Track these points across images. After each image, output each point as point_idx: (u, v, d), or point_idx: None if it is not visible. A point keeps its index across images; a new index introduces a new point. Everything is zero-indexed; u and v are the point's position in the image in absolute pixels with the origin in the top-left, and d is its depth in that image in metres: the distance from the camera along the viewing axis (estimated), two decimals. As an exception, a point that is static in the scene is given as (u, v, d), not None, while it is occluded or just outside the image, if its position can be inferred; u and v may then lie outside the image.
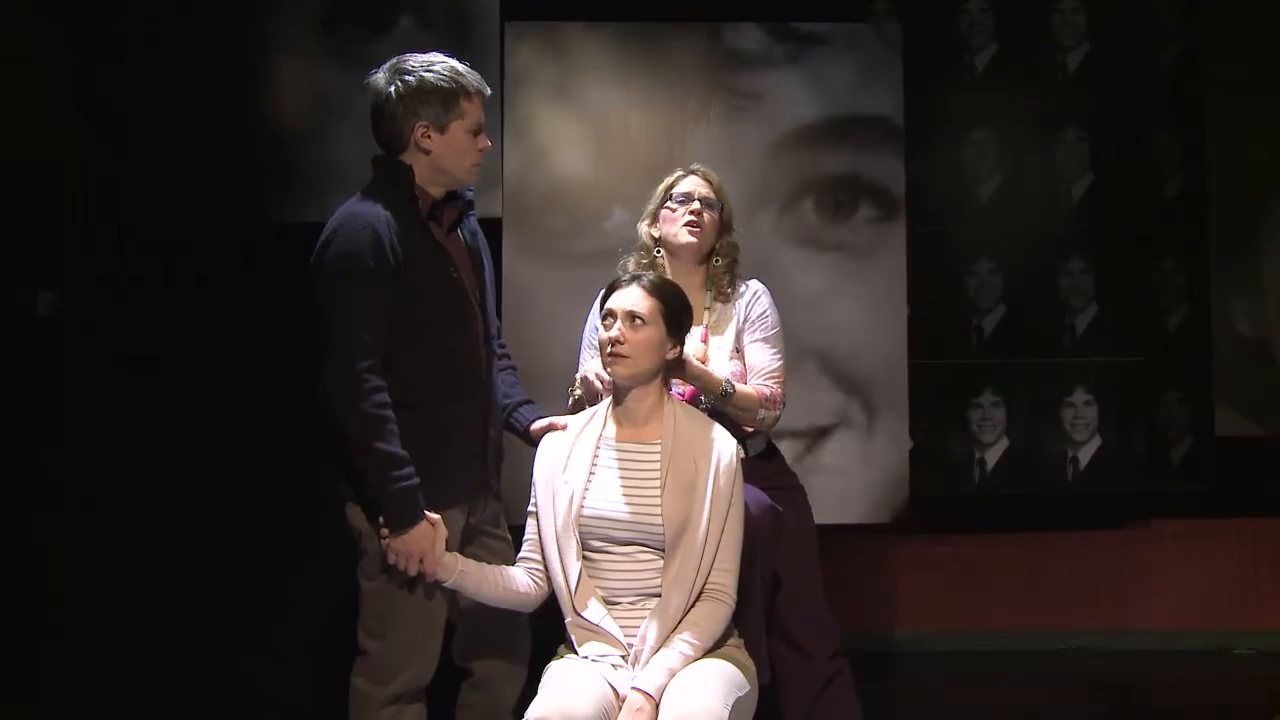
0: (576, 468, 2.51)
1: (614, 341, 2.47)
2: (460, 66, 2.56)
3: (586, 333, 3.18)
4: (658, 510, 2.44)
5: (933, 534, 4.38)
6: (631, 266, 3.15)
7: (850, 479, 3.71)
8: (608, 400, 2.60)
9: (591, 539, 2.47)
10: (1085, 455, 4.35)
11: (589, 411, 2.63)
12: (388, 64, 2.55)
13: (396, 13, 3.75)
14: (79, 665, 3.64)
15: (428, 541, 2.44)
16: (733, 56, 3.78)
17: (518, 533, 2.69)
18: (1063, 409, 4.36)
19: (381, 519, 2.45)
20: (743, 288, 3.12)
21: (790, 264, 3.71)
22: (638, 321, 2.48)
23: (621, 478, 2.49)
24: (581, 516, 2.47)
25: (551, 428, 2.67)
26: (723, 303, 3.09)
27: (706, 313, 3.09)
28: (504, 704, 2.70)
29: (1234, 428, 4.38)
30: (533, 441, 2.70)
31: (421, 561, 2.44)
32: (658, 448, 2.50)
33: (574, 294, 3.37)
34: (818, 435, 3.70)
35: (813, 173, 3.76)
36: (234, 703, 3.63)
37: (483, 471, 2.63)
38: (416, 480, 2.43)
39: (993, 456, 4.37)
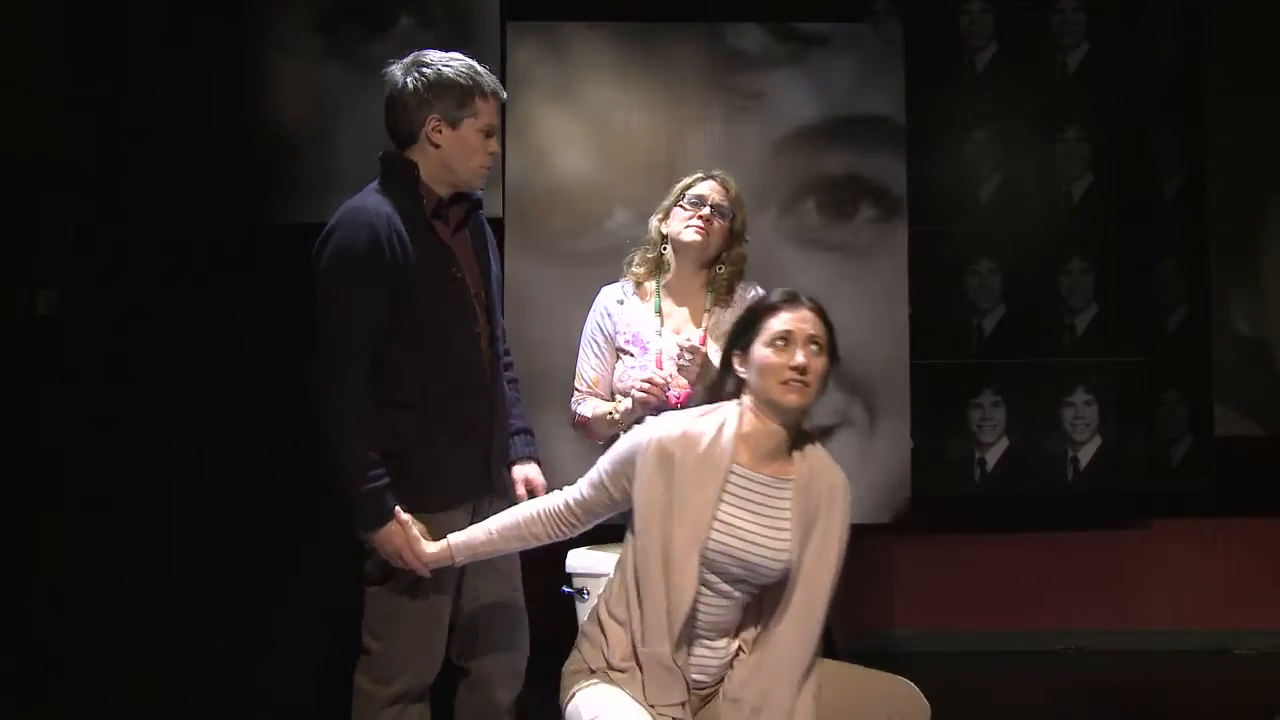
0: (702, 490, 2.25)
1: (801, 369, 2.25)
2: (479, 67, 2.56)
3: (586, 333, 3.19)
4: (785, 551, 2.26)
5: (933, 534, 4.38)
6: (638, 261, 3.16)
7: (851, 479, 3.70)
8: (731, 418, 2.33)
9: (705, 572, 2.25)
10: (1085, 455, 4.35)
11: (709, 423, 2.32)
12: (406, 58, 2.56)
13: (396, 13, 3.75)
14: (79, 665, 3.64)
15: (400, 540, 2.43)
16: (734, 57, 3.78)
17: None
18: (1063, 409, 4.36)
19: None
20: (742, 292, 3.13)
21: (791, 264, 3.71)
22: (815, 348, 2.28)
23: (752, 513, 2.27)
24: (707, 548, 2.24)
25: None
26: (723, 308, 3.10)
27: (706, 315, 3.09)
28: (500, 704, 2.70)
29: (1234, 428, 4.37)
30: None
31: (403, 558, 2.44)
32: (790, 485, 2.31)
33: (575, 294, 3.37)
34: (818, 435, 3.69)
35: (813, 173, 3.76)
36: (234, 703, 3.63)
37: (485, 472, 2.63)
38: (386, 481, 2.42)
39: (993, 456, 4.37)
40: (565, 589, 3.14)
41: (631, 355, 3.03)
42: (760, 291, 3.15)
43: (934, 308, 4.24)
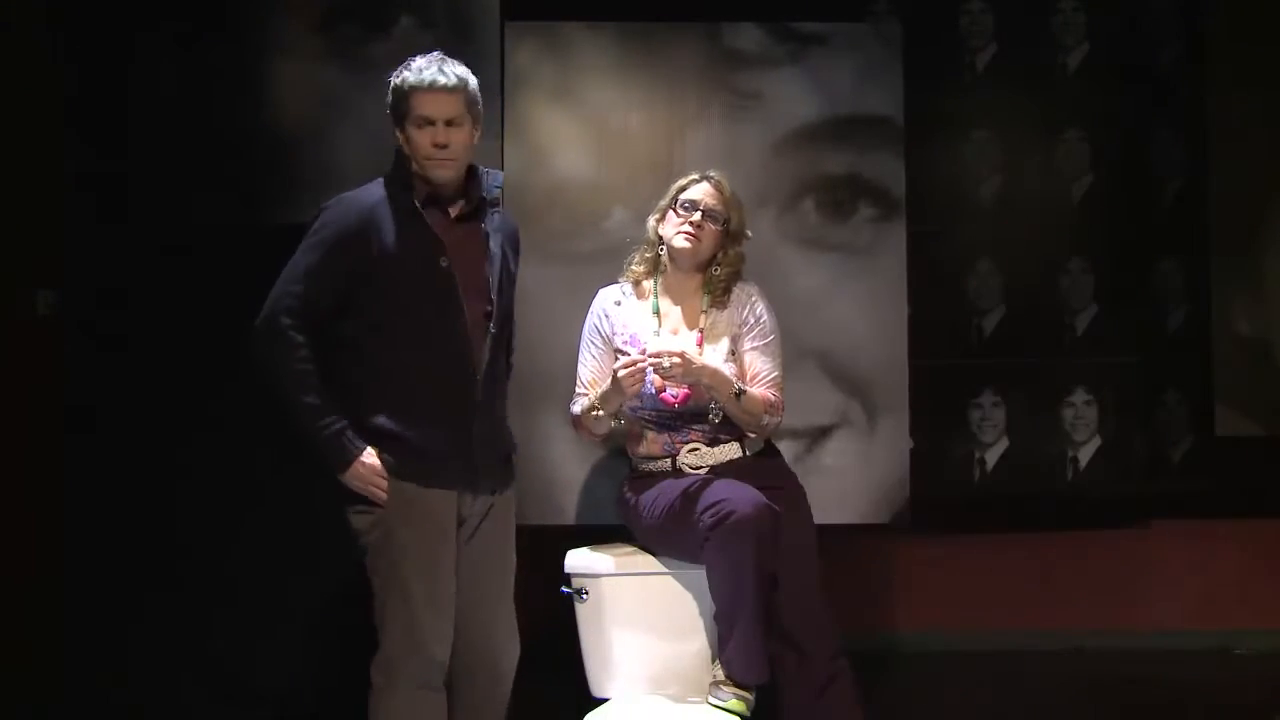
0: None
1: None
2: (417, 62, 2.67)
3: (585, 334, 3.20)
4: None
5: (932, 534, 4.37)
6: (636, 260, 3.18)
7: (850, 479, 3.70)
8: None
9: None
10: (1085, 455, 4.35)
11: None
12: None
13: (396, 13, 3.74)
14: (79, 665, 3.64)
15: (371, 470, 2.58)
16: (733, 56, 3.77)
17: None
18: (1063, 409, 4.36)
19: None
20: (739, 292, 3.13)
21: (790, 264, 3.71)
22: None
23: None
24: None
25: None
26: (719, 309, 3.11)
27: (703, 316, 3.10)
28: (487, 704, 2.73)
29: (1234, 428, 4.38)
30: None
31: (374, 493, 2.60)
32: None
33: (574, 294, 3.37)
34: (818, 435, 3.70)
35: (812, 173, 3.75)
36: (235, 703, 3.63)
37: (468, 462, 2.65)
38: (344, 422, 2.58)
39: (993, 456, 4.37)
40: (564, 589, 3.14)
41: (629, 356, 3.03)
42: (756, 291, 3.16)
43: (934, 308, 4.24)
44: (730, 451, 3.06)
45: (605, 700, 3.09)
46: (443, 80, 2.65)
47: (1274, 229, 4.41)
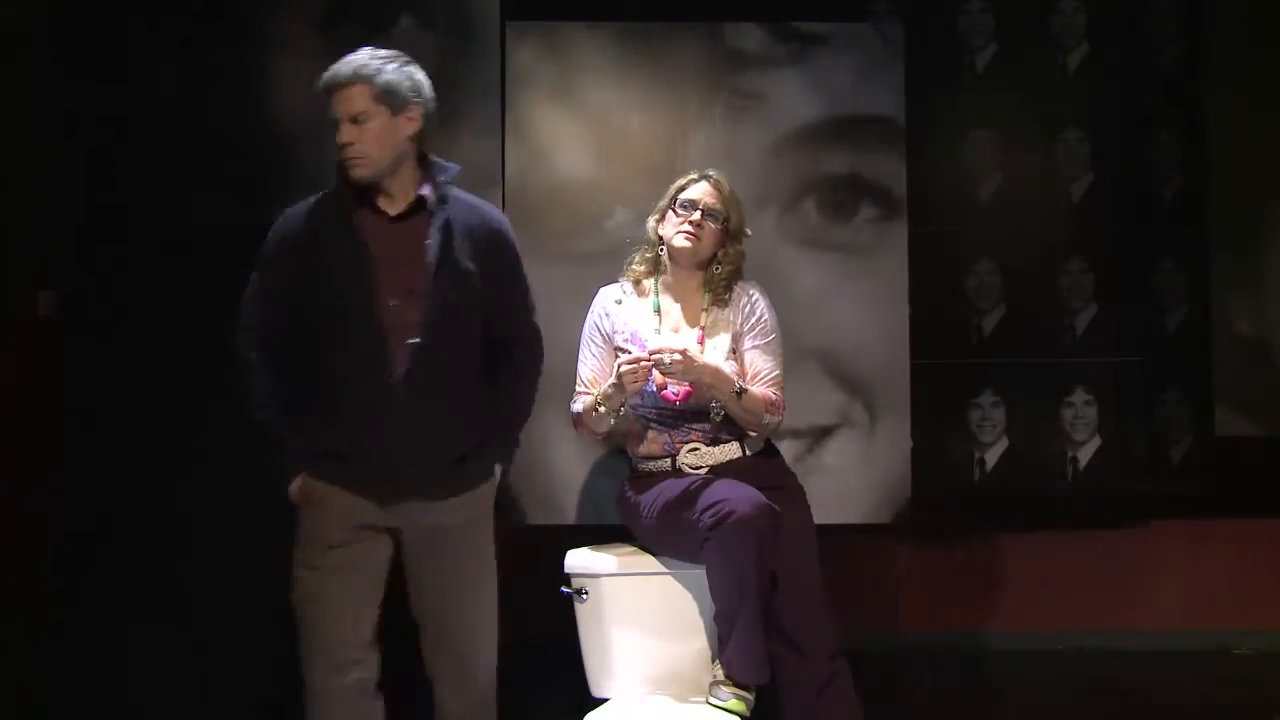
0: None
1: None
2: (342, 60, 2.58)
3: (585, 333, 3.20)
4: None
5: (933, 534, 4.38)
6: (636, 260, 3.18)
7: (851, 479, 3.70)
8: None
9: None
10: (1085, 455, 4.35)
11: None
12: None
13: (396, 13, 3.74)
14: (79, 665, 3.64)
15: (305, 488, 2.67)
16: (734, 56, 3.78)
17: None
18: (1063, 409, 4.36)
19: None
20: (740, 291, 3.14)
21: (791, 264, 3.71)
22: None
23: None
24: None
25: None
26: (720, 307, 3.11)
27: (704, 315, 3.10)
28: (450, 705, 2.74)
29: (1234, 428, 4.38)
30: None
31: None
32: None
33: (575, 294, 3.37)
34: (819, 435, 3.70)
35: (813, 173, 3.76)
36: (233, 702, 3.63)
37: (386, 472, 2.61)
38: (289, 435, 2.65)
39: (993, 456, 4.37)
40: (564, 589, 3.14)
41: (630, 354, 3.03)
42: (757, 290, 3.16)
43: (934, 308, 4.24)
44: (730, 451, 3.07)
45: (605, 700, 3.09)
46: (337, 77, 2.54)
47: (1274, 229, 4.42)
